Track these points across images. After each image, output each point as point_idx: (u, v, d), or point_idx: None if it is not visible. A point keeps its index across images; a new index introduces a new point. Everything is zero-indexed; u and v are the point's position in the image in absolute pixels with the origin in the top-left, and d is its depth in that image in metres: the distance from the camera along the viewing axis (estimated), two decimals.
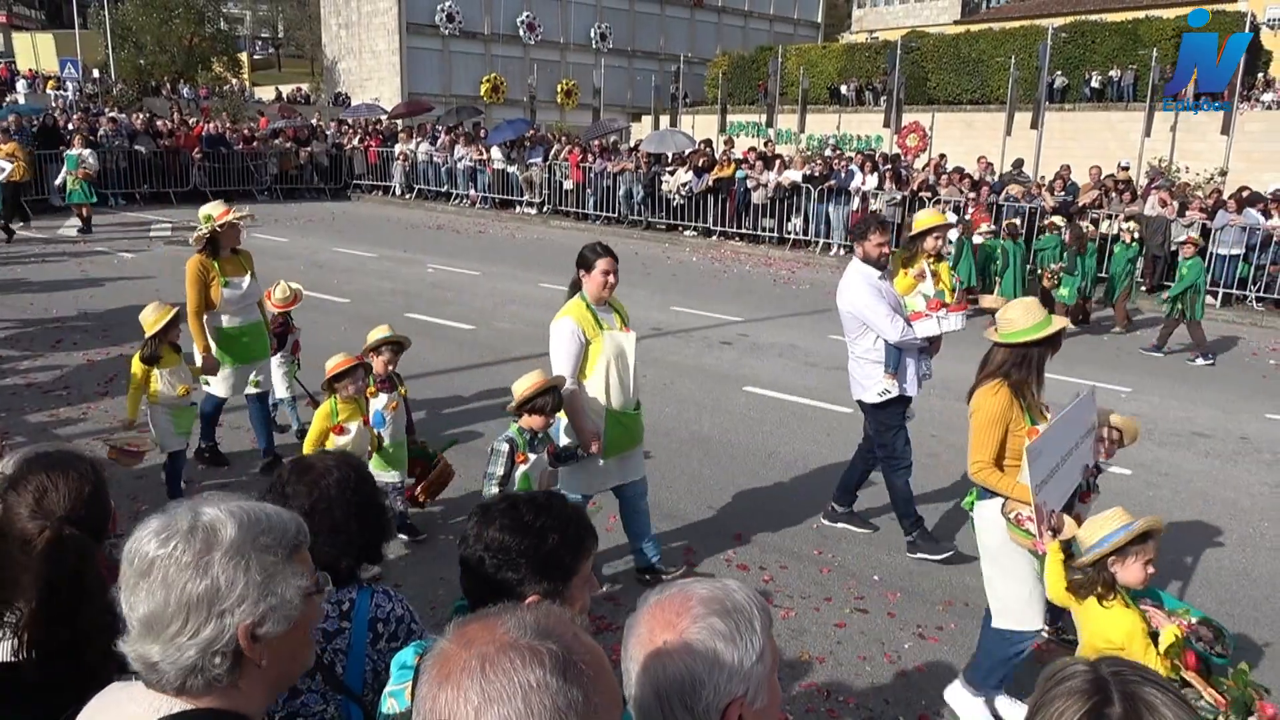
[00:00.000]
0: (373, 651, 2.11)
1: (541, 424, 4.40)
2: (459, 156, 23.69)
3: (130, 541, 1.33)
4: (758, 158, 19.55)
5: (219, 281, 6.20)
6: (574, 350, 4.67)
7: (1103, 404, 4.47)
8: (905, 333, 5.56)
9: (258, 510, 1.38)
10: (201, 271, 6.19)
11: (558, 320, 4.75)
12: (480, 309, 12.07)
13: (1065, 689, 1.23)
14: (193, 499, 1.37)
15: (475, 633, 1.07)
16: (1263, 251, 14.22)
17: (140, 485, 6.13)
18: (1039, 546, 3.59)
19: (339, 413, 5.16)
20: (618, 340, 4.79)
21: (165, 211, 20.14)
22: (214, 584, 1.28)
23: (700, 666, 1.29)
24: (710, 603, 1.34)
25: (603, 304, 4.83)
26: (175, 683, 1.30)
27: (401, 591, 2.33)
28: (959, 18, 51.35)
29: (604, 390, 4.74)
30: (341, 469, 2.22)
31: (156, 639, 1.28)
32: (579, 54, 45.26)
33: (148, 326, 5.68)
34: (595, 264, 4.73)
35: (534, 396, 4.34)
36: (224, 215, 6.25)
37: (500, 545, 1.70)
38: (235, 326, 6.38)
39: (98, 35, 40.48)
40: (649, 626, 1.35)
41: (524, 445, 4.36)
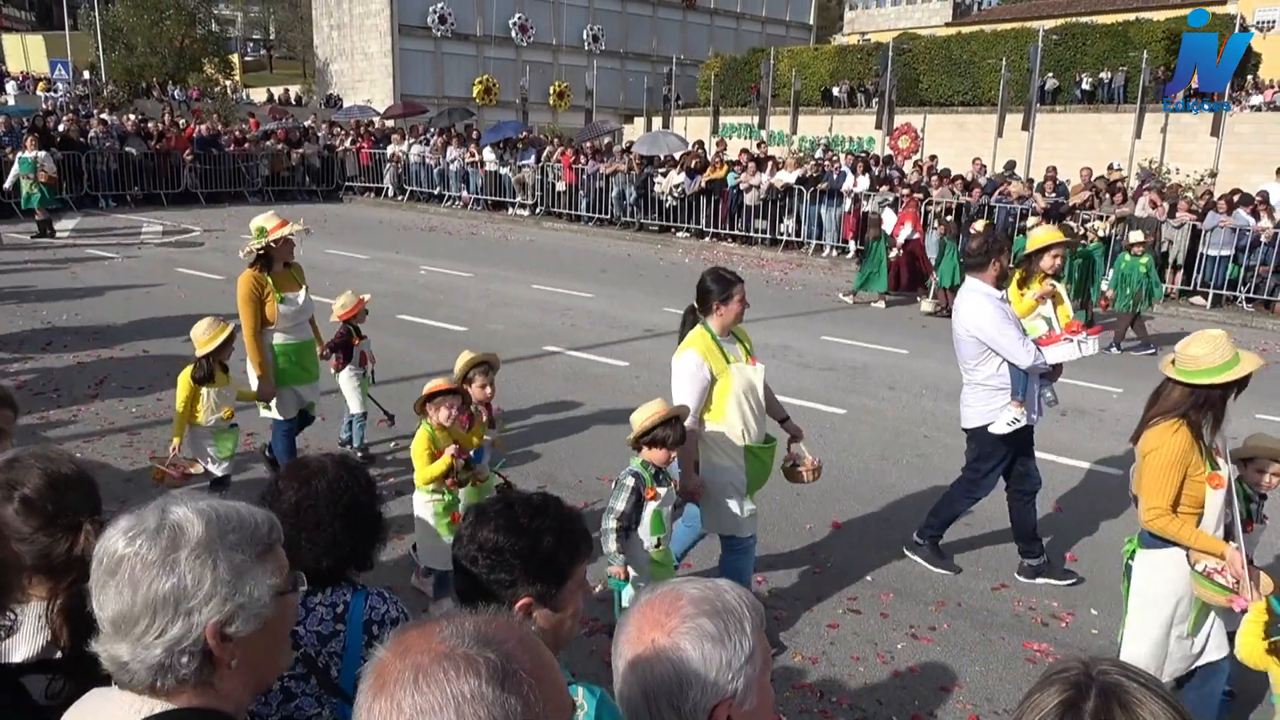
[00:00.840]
0: (368, 654, 2.09)
1: (664, 458, 4.03)
2: (451, 158, 23.67)
3: (100, 540, 1.32)
4: (750, 159, 19.57)
5: (274, 297, 5.76)
6: (700, 387, 4.33)
7: (1092, 405, 4.48)
8: (1037, 358, 5.12)
9: (227, 509, 1.37)
10: (256, 288, 5.76)
11: (682, 354, 4.40)
12: (473, 311, 12.06)
13: (1048, 682, 1.23)
14: (163, 498, 1.37)
15: (412, 641, 1.05)
16: (1252, 253, 14.29)
17: (130, 489, 6.10)
18: (1237, 604, 3.29)
19: (438, 440, 4.67)
20: (746, 374, 4.45)
21: (156, 213, 20.07)
22: (180, 582, 1.27)
23: (687, 667, 1.29)
24: (700, 603, 1.33)
25: (727, 334, 4.49)
26: (146, 681, 1.29)
27: (395, 594, 2.32)
28: (950, 20, 51.55)
29: (738, 427, 4.40)
30: (337, 470, 2.22)
31: (124, 638, 1.28)
32: (571, 56, 45.27)
33: (201, 344, 5.23)
34: (732, 293, 4.38)
35: (653, 428, 3.99)
36: (278, 229, 5.79)
37: (494, 546, 1.69)
38: (290, 344, 5.97)
39: (88, 37, 40.32)
40: (638, 626, 1.35)
41: (651, 480, 4.00)
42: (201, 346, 5.24)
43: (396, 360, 9.52)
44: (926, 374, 10.00)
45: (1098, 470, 7.37)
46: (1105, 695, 1.16)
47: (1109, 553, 5.90)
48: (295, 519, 2.06)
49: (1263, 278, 14.37)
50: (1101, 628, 5.02)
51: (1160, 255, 14.99)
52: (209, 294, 12.36)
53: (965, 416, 5.44)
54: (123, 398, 8.00)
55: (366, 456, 6.80)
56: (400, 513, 5.84)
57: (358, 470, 2.29)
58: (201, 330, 5.28)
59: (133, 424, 7.37)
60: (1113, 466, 7.41)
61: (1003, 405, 5.20)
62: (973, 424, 5.37)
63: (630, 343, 10.64)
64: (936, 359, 10.73)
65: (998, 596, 5.31)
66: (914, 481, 6.97)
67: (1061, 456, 7.59)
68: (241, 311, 5.72)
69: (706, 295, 4.46)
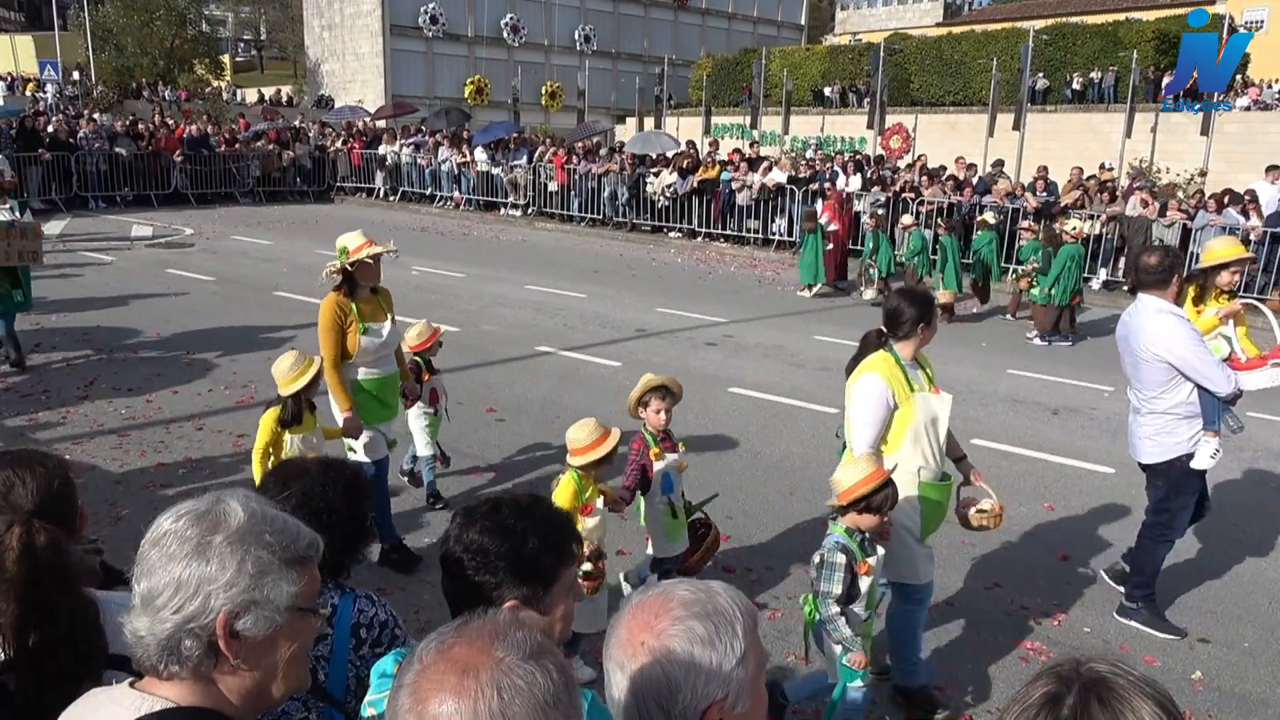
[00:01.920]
0: (355, 657, 2.08)
1: (875, 523, 3.54)
2: (443, 158, 23.63)
3: (159, 517, 1.38)
4: (742, 159, 19.58)
5: (358, 327, 5.10)
6: (881, 416, 3.95)
7: (1084, 403, 4.47)
8: (1235, 384, 4.67)
9: (274, 513, 1.41)
10: (339, 315, 5.07)
11: (863, 378, 4.02)
12: (465, 311, 12.03)
13: (1038, 677, 1.20)
14: (224, 490, 1.42)
15: (465, 655, 1.09)
16: None
17: (119, 490, 6.07)
18: None
19: (585, 489, 4.16)
20: (931, 404, 4.03)
21: (147, 214, 19.98)
22: (207, 565, 1.31)
23: (677, 669, 1.28)
24: (690, 605, 1.32)
25: (912, 360, 4.11)
26: (154, 658, 1.32)
27: (385, 597, 2.31)
28: (941, 20, 51.67)
29: (915, 462, 3.98)
30: (320, 474, 2.19)
31: (148, 611, 1.31)
32: (563, 56, 45.22)
33: (286, 382, 4.65)
34: (931, 316, 4.06)
35: (873, 492, 3.48)
36: (362, 249, 5.06)
37: (479, 548, 1.68)
38: (373, 379, 5.28)
39: (78, 37, 40.14)
40: (629, 628, 1.34)
41: (860, 553, 3.55)
42: (286, 385, 4.64)
43: None
44: None
45: (1090, 469, 7.38)
46: (1086, 690, 1.15)
47: (1101, 551, 5.91)
48: None
49: (1252, 276, 14.41)
50: (1094, 626, 5.02)
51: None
52: (200, 295, 12.31)
53: (1144, 450, 4.87)
54: (112, 399, 7.96)
55: (439, 501, 6.17)
56: (429, 541, 5.83)
57: (341, 476, 2.25)
58: (286, 367, 4.68)
59: (122, 425, 7.33)
60: (1104, 464, 7.43)
61: (1193, 437, 4.73)
62: (1159, 458, 4.81)
63: (623, 343, 10.62)
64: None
65: (990, 596, 5.31)
66: None
67: (1053, 455, 7.60)
68: (321, 341, 5.10)
69: (898, 317, 4.04)
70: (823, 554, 3.56)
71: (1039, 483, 7.07)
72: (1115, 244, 15.52)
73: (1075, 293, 12.04)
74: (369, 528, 2.26)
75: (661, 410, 4.55)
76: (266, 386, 8.39)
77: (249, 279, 13.58)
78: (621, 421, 4.55)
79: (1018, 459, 7.55)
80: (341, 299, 5.10)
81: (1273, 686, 4.54)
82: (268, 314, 11.36)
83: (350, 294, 5.11)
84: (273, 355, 9.40)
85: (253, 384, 8.45)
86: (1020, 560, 5.76)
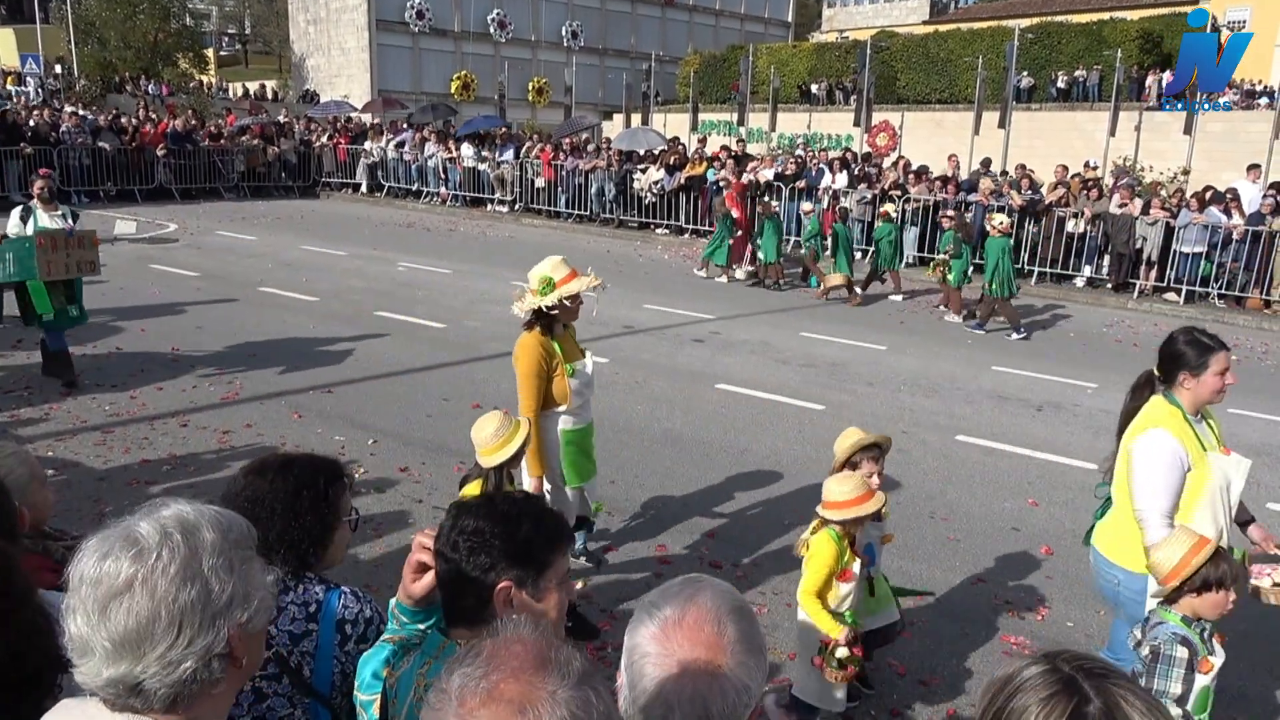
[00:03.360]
0: (340, 653, 2.08)
1: (1221, 604, 2.93)
2: (429, 154, 23.55)
3: (83, 566, 1.25)
4: (729, 156, 19.59)
5: (564, 370, 4.47)
6: (1176, 480, 3.37)
7: (1067, 399, 4.50)
8: None
9: (212, 511, 1.36)
10: (543, 358, 4.43)
11: (1149, 434, 3.46)
12: (451, 307, 12.00)
13: (1031, 690, 1.19)
14: (141, 510, 1.32)
15: (516, 692, 1.02)
16: (1224, 249, 14.47)
17: (103, 487, 6.04)
18: None
19: (845, 551, 3.71)
20: (1225, 466, 3.47)
21: (130, 209, 19.82)
22: (205, 588, 1.26)
23: (751, 679, 1.31)
24: (743, 617, 1.35)
25: (1196, 412, 3.56)
26: (165, 700, 1.24)
27: (370, 593, 2.30)
28: (927, 18, 51.77)
29: (1209, 532, 3.32)
30: (301, 470, 2.18)
31: (140, 658, 1.22)
32: (550, 52, 45.12)
33: (490, 450, 3.81)
34: (1209, 361, 3.44)
35: (1205, 564, 2.90)
36: (569, 281, 4.46)
37: (474, 529, 1.72)
38: (578, 429, 4.69)
39: (60, 30, 39.74)
40: (683, 641, 1.30)
41: (1204, 647, 2.94)
42: (490, 454, 3.82)
43: (373, 356, 9.46)
44: (905, 370, 10.05)
45: (1073, 464, 7.43)
46: (1106, 695, 1.17)
47: (1084, 547, 5.96)
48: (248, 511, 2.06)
49: (1234, 274, 14.54)
50: (1077, 620, 5.06)
51: (1134, 251, 15.17)
52: (184, 291, 12.23)
53: None
54: (95, 395, 7.90)
55: (595, 562, 5.43)
56: (377, 510, 5.82)
57: (319, 473, 2.21)
58: (490, 432, 3.82)
59: (106, 422, 7.28)
60: (1087, 460, 7.48)
61: None
62: None
63: (609, 339, 10.62)
64: (914, 355, 10.79)
65: (975, 591, 5.35)
66: (892, 477, 7.00)
67: (1037, 451, 7.65)
68: (523, 389, 4.41)
69: (1177, 361, 3.50)
70: (1156, 645, 2.89)
71: (1023, 478, 7.12)
72: (1099, 242, 15.62)
73: (1004, 283, 12.25)
74: (330, 525, 2.20)
75: (874, 474, 3.98)
76: (251, 383, 8.39)
77: (234, 275, 13.50)
78: (607, 417, 4.54)
79: (1001, 455, 7.60)
80: (543, 339, 4.45)
81: (1253, 679, 4.59)
82: (253, 310, 11.30)
83: (549, 331, 4.50)
84: (258, 351, 9.45)
85: (237, 380, 8.41)
86: (1004, 555, 5.80)
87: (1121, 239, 15.15)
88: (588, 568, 5.30)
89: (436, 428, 7.52)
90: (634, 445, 7.26)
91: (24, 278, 7.78)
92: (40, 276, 7.74)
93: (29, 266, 7.69)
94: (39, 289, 7.84)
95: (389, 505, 6.00)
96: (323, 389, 8.35)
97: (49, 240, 7.83)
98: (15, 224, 8.02)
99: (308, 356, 9.36)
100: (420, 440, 7.21)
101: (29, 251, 7.70)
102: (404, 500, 6.10)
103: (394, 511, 5.93)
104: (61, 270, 7.91)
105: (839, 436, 4.15)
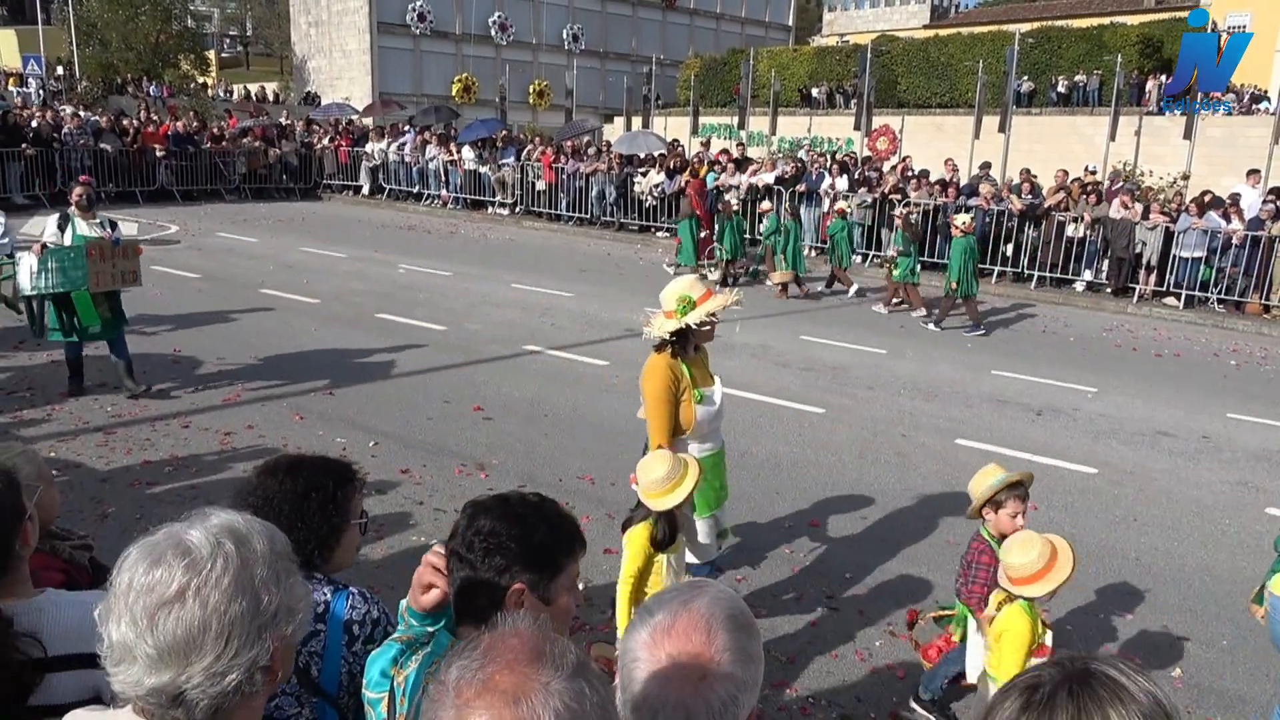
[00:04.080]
0: (348, 654, 2.10)
1: None
2: (430, 156, 23.58)
3: (132, 572, 1.24)
4: (730, 160, 19.62)
5: (692, 395, 4.20)
6: None
7: (1067, 404, 4.51)
8: None
9: (259, 522, 1.36)
10: (673, 382, 4.17)
11: None
12: (452, 310, 12.02)
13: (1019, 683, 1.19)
14: (189, 518, 1.31)
15: (510, 683, 1.04)
16: (1224, 254, 14.50)
17: (105, 488, 6.05)
18: None
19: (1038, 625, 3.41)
20: None
21: (131, 211, 19.84)
22: (255, 600, 1.26)
23: (739, 689, 1.31)
24: (738, 623, 1.36)
25: None
26: (206, 711, 1.24)
27: (377, 594, 2.32)
28: (928, 22, 51.94)
29: None
30: (310, 472, 2.20)
31: (186, 668, 1.22)
32: (551, 54, 45.16)
33: (661, 494, 3.51)
34: None
35: None
36: (707, 300, 4.16)
37: (490, 530, 1.73)
38: (708, 456, 4.34)
39: (62, 32, 39.77)
40: (670, 648, 1.30)
41: None
42: (660, 497, 3.51)
43: (375, 360, 9.48)
44: (905, 374, 10.07)
45: (1073, 469, 7.46)
46: (1083, 681, 1.15)
47: (1083, 550, 5.97)
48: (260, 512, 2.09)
49: (1234, 279, 14.56)
50: (1076, 624, 5.08)
51: (1133, 256, 15.20)
52: (185, 293, 12.25)
53: None
54: (97, 396, 7.92)
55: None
56: (379, 511, 5.83)
57: (327, 475, 2.23)
58: (661, 475, 3.53)
59: (108, 423, 7.30)
60: (1087, 464, 7.51)
61: None
62: None
63: (610, 342, 10.64)
64: (914, 359, 10.81)
65: None
66: (892, 480, 7.03)
67: (1037, 455, 7.67)
68: (652, 416, 4.20)
69: None
70: None
71: None
72: (1099, 247, 15.64)
73: (963, 281, 12.50)
74: (337, 528, 2.21)
75: (1019, 514, 3.78)
76: (252, 384, 8.41)
77: (235, 276, 13.52)
78: (607, 420, 4.56)
79: (1001, 459, 7.58)
80: (672, 362, 4.20)
81: (1250, 683, 4.61)
82: (254, 312, 11.32)
83: (680, 354, 4.23)
84: (259, 352, 9.47)
85: (239, 383, 8.43)
86: None
87: (1121, 243, 15.17)
88: None
89: (437, 430, 7.54)
90: (634, 448, 7.26)
91: (67, 289, 7.49)
92: (90, 287, 7.52)
93: (74, 277, 7.46)
94: (85, 300, 7.56)
95: (390, 507, 6.02)
96: (324, 390, 8.37)
97: (98, 250, 7.59)
98: (53, 232, 7.71)
99: (309, 358, 9.38)
100: (421, 442, 7.23)
101: (74, 262, 7.46)
102: (405, 502, 6.12)
103: (395, 513, 5.95)
104: (109, 281, 7.68)
105: (977, 475, 3.94)
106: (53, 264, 7.46)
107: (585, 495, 6.37)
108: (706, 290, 4.17)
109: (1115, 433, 8.41)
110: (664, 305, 4.22)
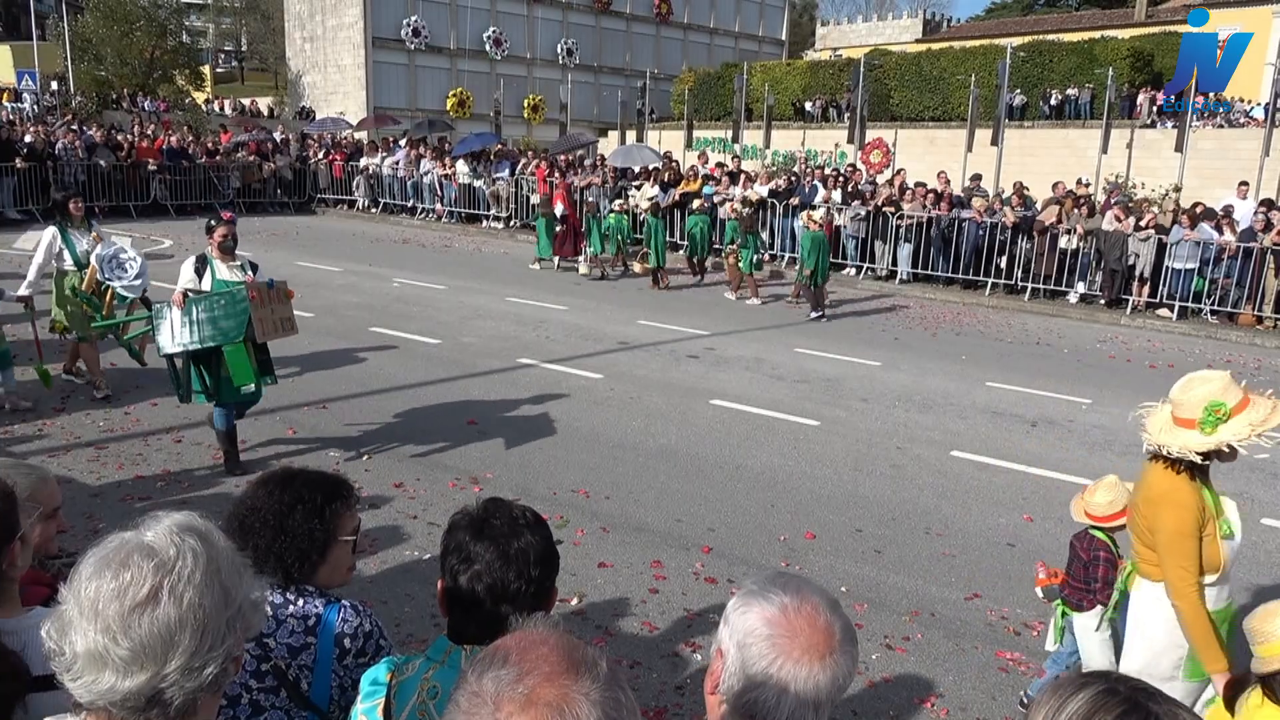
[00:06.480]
0: (339, 667, 2.08)
1: None
2: (425, 170, 23.61)
3: (97, 581, 1.21)
4: (725, 173, 19.67)
5: (1217, 528, 3.25)
6: None
7: (1062, 415, 4.51)
8: None
9: (203, 520, 1.36)
10: (1199, 513, 3.20)
11: None
12: (446, 323, 12.01)
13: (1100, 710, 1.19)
14: (139, 524, 1.30)
15: (552, 695, 1.04)
16: (1216, 266, 14.55)
17: (96, 503, 6.02)
18: None
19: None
20: None
21: (125, 225, 19.81)
22: (225, 592, 1.27)
23: (854, 665, 1.46)
24: (839, 607, 1.50)
25: None
26: (181, 709, 1.24)
27: (370, 608, 2.30)
28: (920, 36, 52.15)
29: None
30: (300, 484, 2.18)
31: (163, 667, 1.21)
32: (546, 69, 45.31)
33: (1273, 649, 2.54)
34: None
35: None
36: (1246, 407, 3.14)
37: (487, 563, 1.78)
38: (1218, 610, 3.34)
39: (56, 47, 39.82)
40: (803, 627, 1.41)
41: None
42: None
43: (367, 372, 9.46)
44: (899, 386, 10.07)
45: (1068, 480, 7.44)
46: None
47: None
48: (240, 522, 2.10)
49: (1226, 290, 14.62)
50: None
51: (1126, 267, 15.25)
52: None
53: None
54: (89, 411, 7.89)
55: None
56: (372, 525, 5.80)
57: (317, 490, 2.20)
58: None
59: (99, 438, 7.26)
60: (1082, 476, 7.49)
61: None
62: None
63: (604, 355, 10.63)
64: (908, 371, 10.82)
65: (970, 606, 5.35)
66: (887, 492, 7.02)
67: (1032, 466, 7.67)
68: (1175, 552, 3.19)
69: None
70: None
71: (1018, 494, 7.13)
72: (1092, 258, 15.70)
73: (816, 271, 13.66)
74: (322, 544, 2.19)
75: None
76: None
77: None
78: (603, 433, 4.55)
79: (996, 470, 7.62)
80: (1197, 486, 3.22)
81: None
82: None
83: (1199, 475, 3.25)
84: None
85: None
86: (1000, 571, 5.80)
87: (1114, 255, 15.23)
88: None
89: (431, 443, 7.51)
90: (629, 461, 7.27)
91: (219, 341, 6.33)
92: (258, 337, 6.43)
93: (225, 328, 6.31)
94: (239, 355, 6.35)
95: (383, 521, 5.99)
96: (317, 405, 8.35)
97: (259, 293, 6.40)
98: (190, 278, 6.51)
99: (302, 372, 9.35)
100: (415, 456, 7.20)
101: (226, 310, 6.32)
102: (398, 516, 6.09)
103: (388, 527, 5.92)
104: (272, 330, 6.51)
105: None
106: (200, 314, 6.37)
107: (580, 508, 6.35)
108: (1244, 395, 3.14)
109: (1110, 444, 8.41)
110: (1179, 409, 3.23)
